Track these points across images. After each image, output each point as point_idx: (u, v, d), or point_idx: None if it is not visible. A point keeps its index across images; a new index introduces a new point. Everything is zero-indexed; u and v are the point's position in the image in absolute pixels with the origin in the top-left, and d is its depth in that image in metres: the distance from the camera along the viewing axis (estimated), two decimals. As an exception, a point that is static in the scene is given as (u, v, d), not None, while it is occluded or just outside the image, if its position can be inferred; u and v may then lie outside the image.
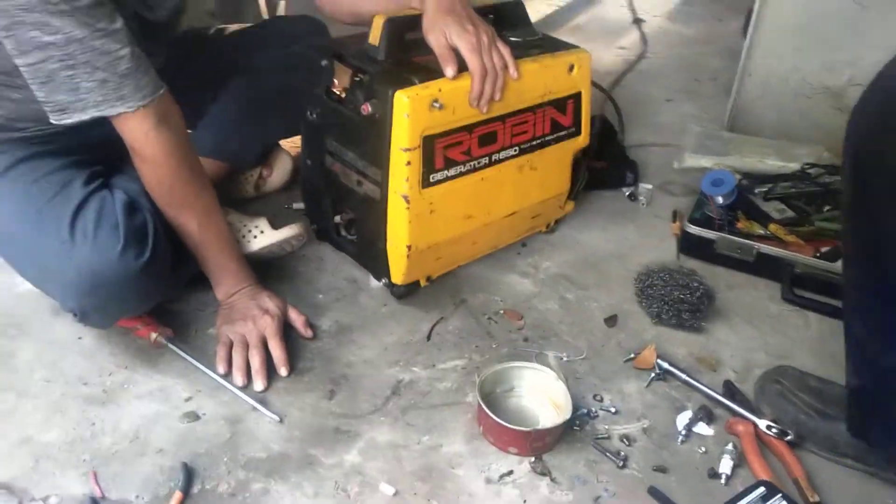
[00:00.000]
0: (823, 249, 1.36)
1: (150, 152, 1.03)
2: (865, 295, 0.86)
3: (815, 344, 1.24)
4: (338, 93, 1.19)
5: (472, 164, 1.20)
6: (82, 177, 1.06)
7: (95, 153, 1.13)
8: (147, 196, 1.08)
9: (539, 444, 1.00)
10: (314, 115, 1.24)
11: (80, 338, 1.15)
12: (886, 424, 0.89)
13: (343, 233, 1.32)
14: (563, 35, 1.41)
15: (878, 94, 0.79)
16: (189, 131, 1.33)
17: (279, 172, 1.50)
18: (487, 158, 1.22)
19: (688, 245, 1.42)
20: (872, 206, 0.82)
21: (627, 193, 1.61)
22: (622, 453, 1.01)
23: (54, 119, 0.95)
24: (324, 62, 1.18)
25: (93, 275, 0.98)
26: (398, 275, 1.22)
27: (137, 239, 1.01)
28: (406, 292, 1.26)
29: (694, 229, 1.41)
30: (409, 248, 1.17)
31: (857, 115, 0.82)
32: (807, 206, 1.46)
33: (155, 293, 1.09)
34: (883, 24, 1.53)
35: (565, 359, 1.17)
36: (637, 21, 2.74)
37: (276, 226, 1.28)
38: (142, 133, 1.01)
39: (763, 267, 1.36)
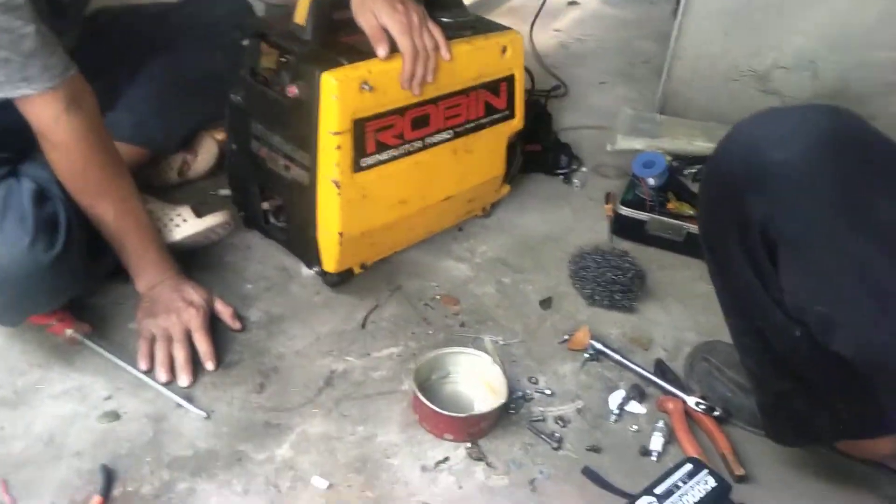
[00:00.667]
0: (749, 229, 1.39)
1: (60, 138, 0.97)
2: (744, 338, 0.92)
3: (741, 321, 1.27)
4: (263, 74, 1.15)
5: (404, 147, 1.17)
6: (-16, 166, 0.99)
7: (1, 140, 1.05)
8: (59, 183, 1.02)
9: (475, 430, 1.00)
10: (238, 98, 1.19)
11: (-12, 336, 1.08)
12: (794, 431, 0.94)
13: (272, 220, 1.28)
14: (498, 17, 1.39)
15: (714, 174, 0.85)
16: (106, 114, 1.27)
17: (204, 157, 1.44)
18: (421, 142, 1.20)
19: (620, 226, 1.44)
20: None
21: (562, 176, 1.62)
22: (557, 435, 1.01)
23: None
24: (245, 42, 1.13)
25: None
26: (330, 263, 1.19)
27: (47, 230, 0.95)
28: (339, 280, 1.23)
29: (626, 211, 1.42)
30: (340, 234, 1.14)
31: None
32: (734, 186, 1.49)
33: (68, 288, 1.03)
34: (806, 10, 1.58)
35: (501, 342, 1.17)
36: (572, 3, 2.74)
37: (200, 213, 1.23)
38: (50, 117, 0.95)
39: (693, 247, 1.38)
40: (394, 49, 1.08)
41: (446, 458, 0.97)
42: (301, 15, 1.11)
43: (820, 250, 0.73)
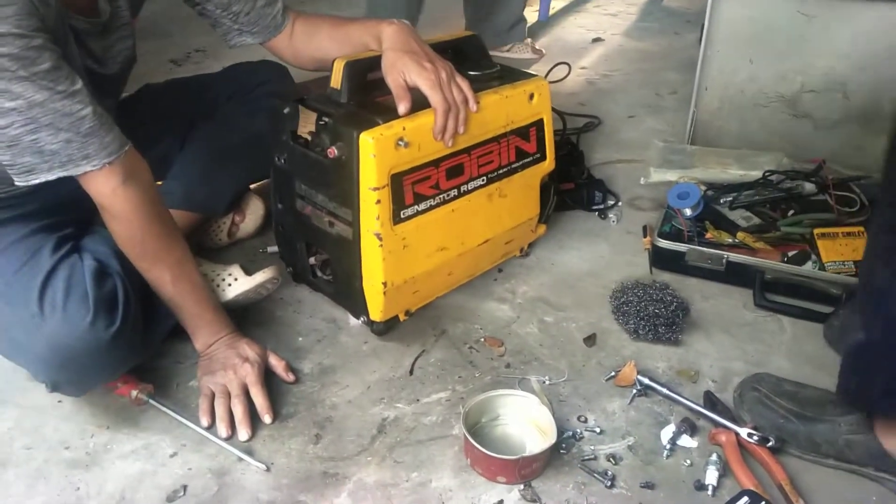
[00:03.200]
0: (791, 253, 1.39)
1: (118, 209, 1.03)
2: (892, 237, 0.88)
3: (790, 347, 1.26)
4: (304, 137, 1.21)
5: (441, 196, 1.22)
6: (51, 243, 1.06)
7: (65, 213, 1.13)
8: (118, 257, 1.08)
9: (527, 471, 1.01)
10: (282, 161, 1.25)
11: (59, 401, 1.14)
12: (886, 380, 0.91)
13: (319, 274, 1.33)
14: (525, 60, 1.43)
15: None
16: (158, 183, 1.35)
17: (252, 218, 1.50)
18: (456, 190, 1.24)
19: (659, 259, 1.45)
20: None
21: (597, 212, 1.64)
22: (609, 473, 1.02)
23: (20, 181, 0.95)
24: (286, 109, 1.19)
25: (63, 348, 0.98)
26: (376, 312, 1.23)
27: (107, 307, 1.01)
28: (386, 328, 1.27)
29: (664, 243, 1.43)
30: (384, 284, 1.18)
31: None
32: (771, 211, 1.49)
33: (127, 360, 1.08)
34: (827, 32, 1.59)
35: (548, 382, 1.18)
36: (596, 40, 2.80)
37: (249, 271, 1.28)
38: (109, 190, 1.01)
39: (734, 275, 1.39)
40: (420, 106, 1.13)
41: (501, 501, 0.98)
42: (336, 79, 1.17)
43: None
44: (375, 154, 1.09)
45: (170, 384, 1.17)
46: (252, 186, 1.53)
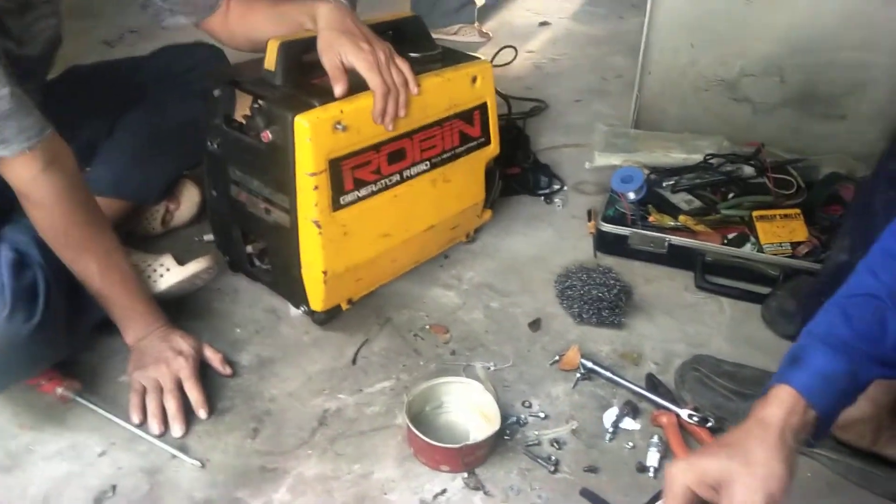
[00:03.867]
0: (730, 236, 1.41)
1: (39, 196, 0.98)
2: None
3: (730, 328, 1.28)
4: (238, 121, 1.16)
5: (383, 182, 1.19)
6: (-37, 233, 1.00)
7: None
8: (39, 247, 1.02)
9: (471, 459, 1.00)
10: (215, 145, 1.20)
11: (-22, 401, 1.07)
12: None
13: (257, 263, 1.29)
14: (472, 43, 1.40)
15: None
16: (86, 170, 1.28)
17: (187, 205, 1.45)
18: (399, 175, 1.21)
19: (603, 243, 1.45)
20: None
21: (543, 197, 1.64)
22: (553, 458, 1.02)
23: None
24: (218, 91, 1.15)
25: None
26: (317, 301, 1.20)
27: (26, 300, 0.95)
28: (327, 318, 1.24)
29: (608, 227, 1.44)
30: (325, 273, 1.15)
31: None
32: (712, 195, 1.51)
33: (49, 356, 1.03)
34: (767, 17, 1.61)
35: (492, 368, 1.17)
36: (543, 24, 2.79)
37: (183, 261, 1.23)
38: (29, 177, 0.96)
39: (676, 258, 1.40)
40: (358, 89, 1.10)
41: (444, 490, 0.97)
42: (271, 60, 1.13)
43: None
44: (312, 138, 1.06)
45: (98, 380, 1.11)
46: (187, 173, 1.47)
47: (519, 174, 1.64)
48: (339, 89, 1.08)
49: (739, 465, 0.64)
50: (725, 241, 1.40)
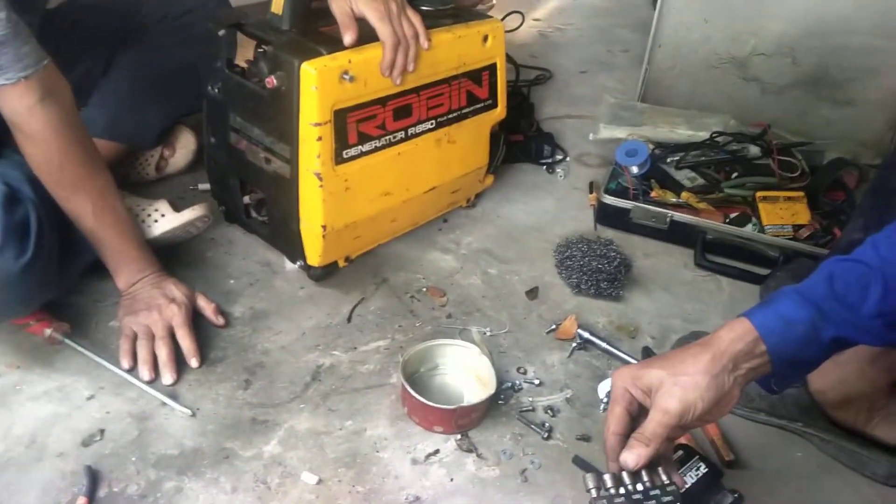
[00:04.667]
0: (732, 215, 1.40)
1: (35, 129, 0.95)
2: None
3: (727, 306, 1.28)
4: (240, 65, 1.12)
5: (387, 138, 1.16)
6: (-47, 165, 0.96)
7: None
8: (31, 183, 0.99)
9: (464, 421, 0.99)
10: (216, 90, 1.17)
11: (-37, 338, 1.05)
12: None
13: (253, 214, 1.26)
14: (477, 8, 1.38)
15: None
16: (81, 109, 1.24)
17: (182, 152, 1.41)
18: (403, 133, 1.18)
19: (604, 215, 1.44)
20: None
21: (545, 166, 1.62)
22: (547, 424, 1.01)
23: None
24: (221, 32, 1.11)
25: None
26: (314, 256, 1.17)
27: (17, 236, 0.92)
28: (323, 274, 1.22)
29: (610, 199, 1.42)
30: (324, 227, 1.13)
31: None
32: (716, 173, 1.50)
33: (40, 294, 1.00)
34: (783, -5, 1.58)
35: (488, 333, 1.16)
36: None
37: (179, 208, 1.20)
38: (25, 108, 0.93)
39: (677, 234, 1.39)
40: (367, 39, 1.07)
41: (437, 451, 0.97)
42: (278, 4, 1.09)
43: None
44: (318, 86, 1.03)
45: (88, 323, 1.09)
46: (182, 119, 1.43)
47: (522, 142, 1.62)
48: (348, 38, 1.05)
49: (668, 374, 0.69)
50: (727, 220, 1.39)
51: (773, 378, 0.72)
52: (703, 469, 0.87)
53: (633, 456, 0.67)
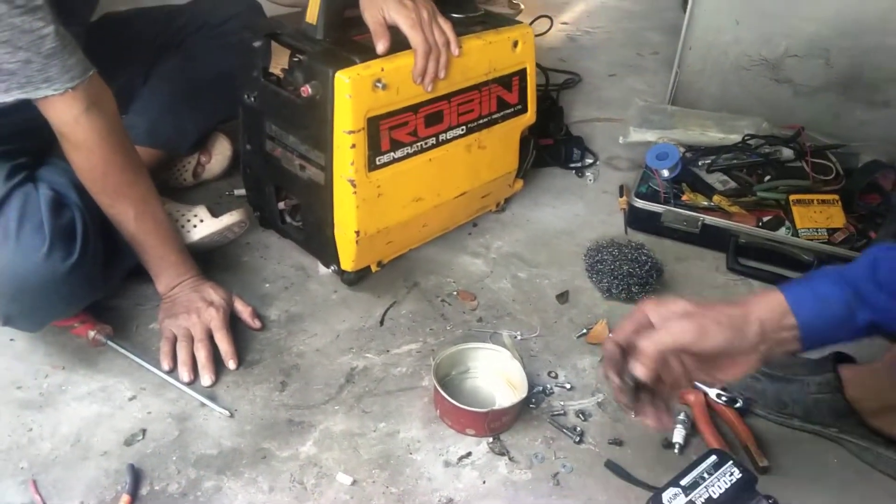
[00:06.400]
0: (765, 219, 1.39)
1: (80, 137, 0.98)
2: None
3: (759, 311, 1.26)
4: (275, 74, 1.15)
5: (418, 144, 1.18)
6: (3, 171, 1.00)
7: (20, 142, 1.06)
8: (76, 189, 1.02)
9: (496, 425, 1.00)
10: (252, 99, 1.19)
11: (11, 339, 1.09)
12: None
13: (288, 219, 1.29)
14: (505, 12, 1.39)
15: None
16: (122, 117, 1.28)
17: (218, 158, 1.44)
18: (434, 139, 1.20)
19: (635, 219, 1.44)
20: None
21: (575, 170, 1.62)
22: (578, 428, 1.02)
23: None
24: (256, 43, 1.13)
25: (16, 279, 0.92)
26: (347, 261, 1.19)
27: (64, 239, 0.96)
28: (356, 278, 1.24)
29: (640, 203, 1.42)
30: (357, 233, 1.15)
31: None
32: (748, 176, 1.49)
33: (85, 295, 1.03)
34: (815, -4, 1.57)
35: (519, 337, 1.17)
36: (579, -4, 2.74)
37: (216, 213, 1.23)
38: (71, 117, 0.96)
39: (708, 238, 1.39)
40: (399, 47, 1.08)
41: (469, 454, 0.98)
42: (312, 13, 1.11)
43: None
44: (352, 95, 1.04)
45: (129, 326, 1.12)
46: (219, 126, 1.46)
47: (551, 146, 1.63)
48: (381, 46, 1.07)
49: (692, 305, 0.70)
50: (760, 224, 1.38)
51: (800, 349, 0.71)
52: (736, 474, 0.86)
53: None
